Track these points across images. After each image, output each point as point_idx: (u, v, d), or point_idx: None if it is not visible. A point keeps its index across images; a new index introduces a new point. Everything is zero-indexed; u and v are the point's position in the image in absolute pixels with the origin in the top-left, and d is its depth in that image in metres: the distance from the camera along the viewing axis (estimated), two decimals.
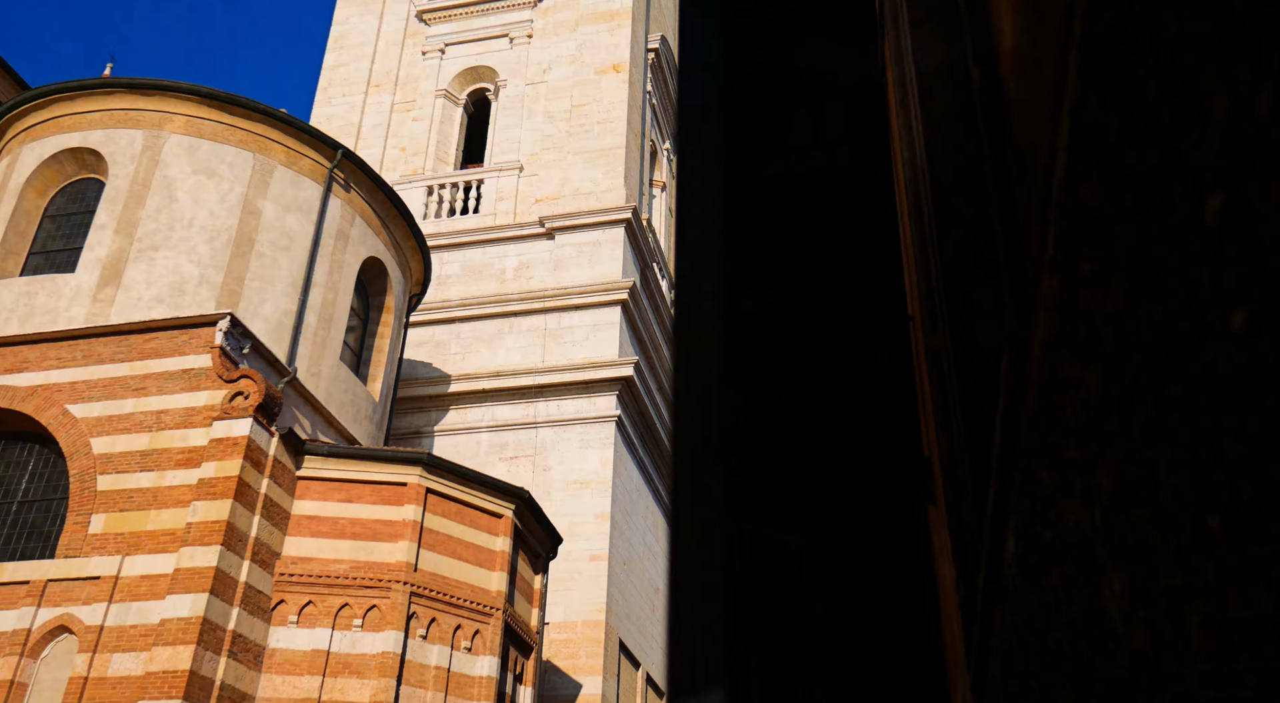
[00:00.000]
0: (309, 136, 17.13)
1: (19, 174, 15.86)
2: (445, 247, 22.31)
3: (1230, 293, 0.47)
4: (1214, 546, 0.53)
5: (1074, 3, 0.49)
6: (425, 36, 25.62)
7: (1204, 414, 0.50)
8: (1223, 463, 0.51)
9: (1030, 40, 0.68)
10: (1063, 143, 0.56)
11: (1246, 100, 0.43)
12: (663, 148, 27.28)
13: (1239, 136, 0.43)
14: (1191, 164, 0.39)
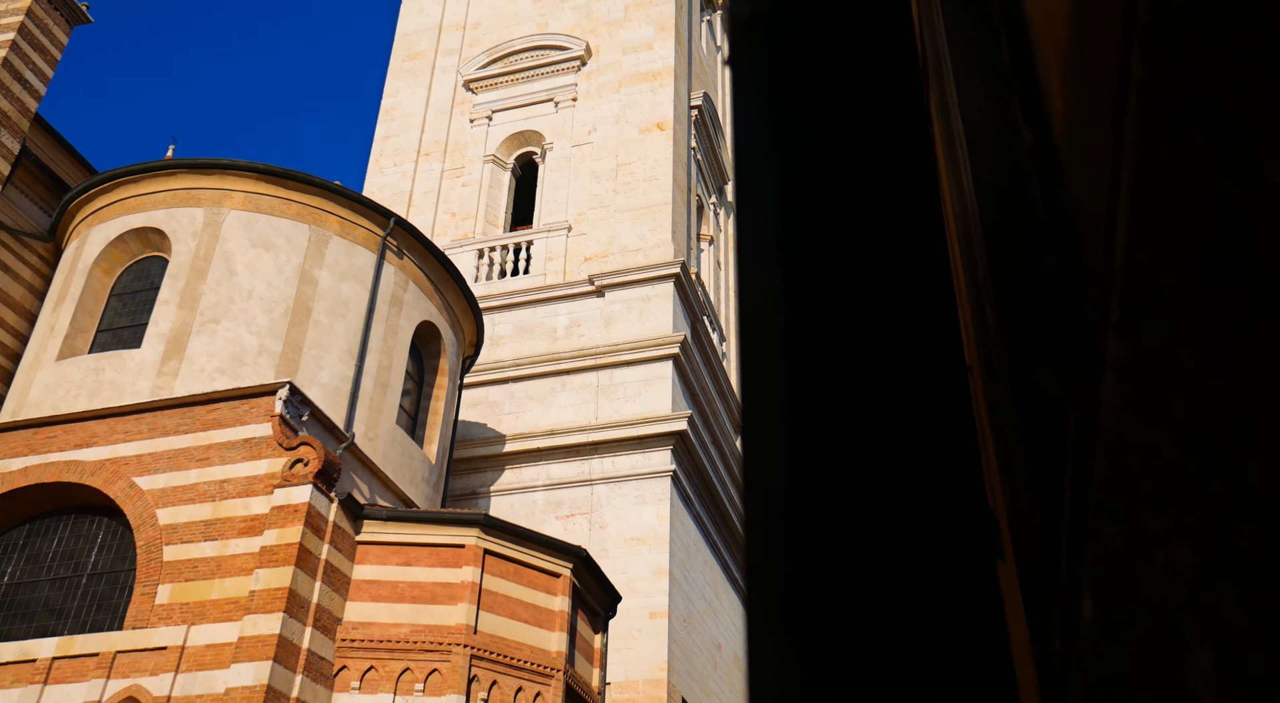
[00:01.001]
0: (362, 206, 17.55)
1: (87, 255, 16.42)
2: (496, 308, 22.57)
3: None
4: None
5: (1128, 73, 0.48)
6: (473, 105, 26.23)
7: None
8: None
9: (1082, 104, 0.67)
10: (1122, 209, 0.55)
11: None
12: (709, 202, 27.47)
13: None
14: (1260, 243, 0.38)
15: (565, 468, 20.31)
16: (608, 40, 25.97)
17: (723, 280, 28.10)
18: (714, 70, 31.00)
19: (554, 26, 26.83)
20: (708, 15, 31.10)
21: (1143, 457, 0.64)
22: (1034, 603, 1.11)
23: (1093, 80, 0.63)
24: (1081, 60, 0.71)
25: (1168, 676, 0.68)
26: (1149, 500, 0.65)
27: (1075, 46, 0.71)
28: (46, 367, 15.45)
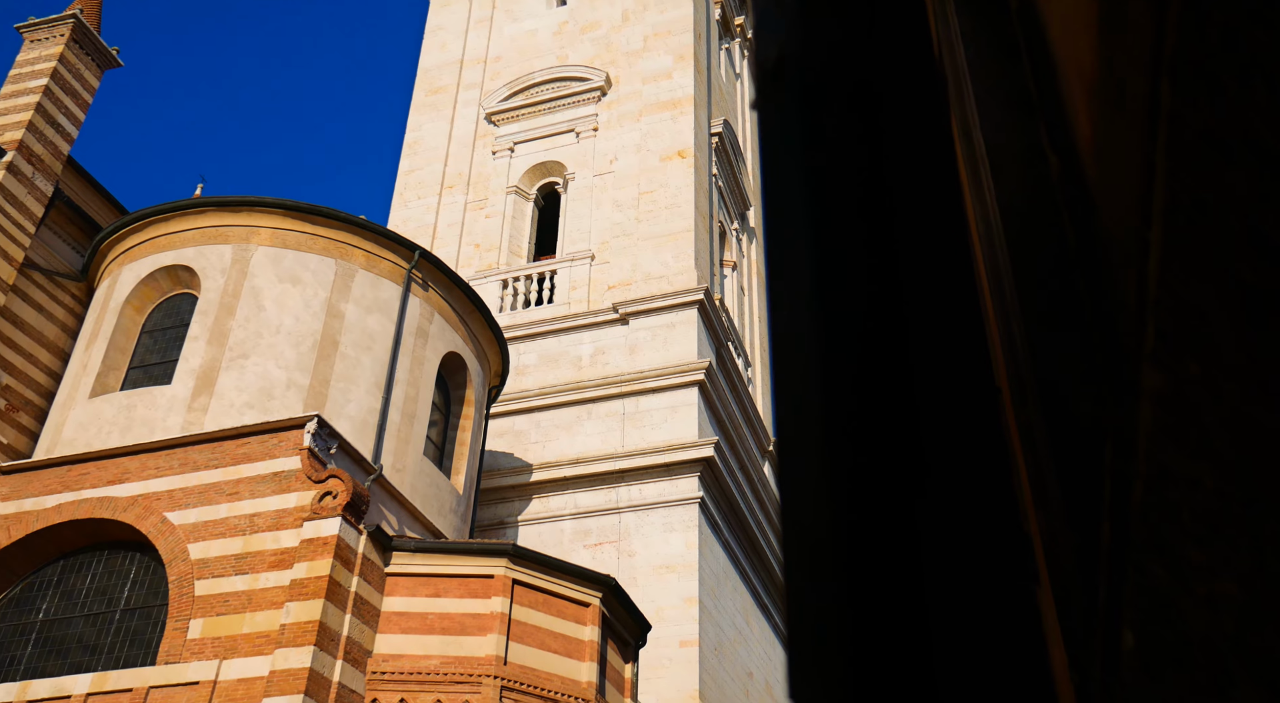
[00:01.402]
0: (387, 240, 17.72)
1: (119, 294, 16.66)
2: (521, 337, 22.66)
3: None
4: None
5: (1157, 103, 0.48)
6: (494, 137, 26.48)
7: None
8: None
9: (1110, 133, 0.67)
10: (1155, 239, 0.54)
11: None
12: (731, 228, 27.51)
13: None
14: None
15: (592, 497, 20.27)
16: (627, 70, 26.18)
17: (747, 306, 28.08)
18: (733, 97, 31.14)
19: (574, 58, 27.09)
20: (726, 43, 31.30)
21: (1184, 488, 0.63)
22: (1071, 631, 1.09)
23: (1120, 109, 0.62)
24: (1107, 89, 0.70)
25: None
26: (1191, 533, 0.64)
27: (1101, 75, 0.71)
28: (79, 404, 15.65)
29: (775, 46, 0.92)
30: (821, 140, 0.84)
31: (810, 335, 0.79)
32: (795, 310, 0.79)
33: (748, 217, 29.45)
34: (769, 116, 0.89)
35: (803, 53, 0.88)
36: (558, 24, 28.00)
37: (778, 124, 0.87)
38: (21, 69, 17.50)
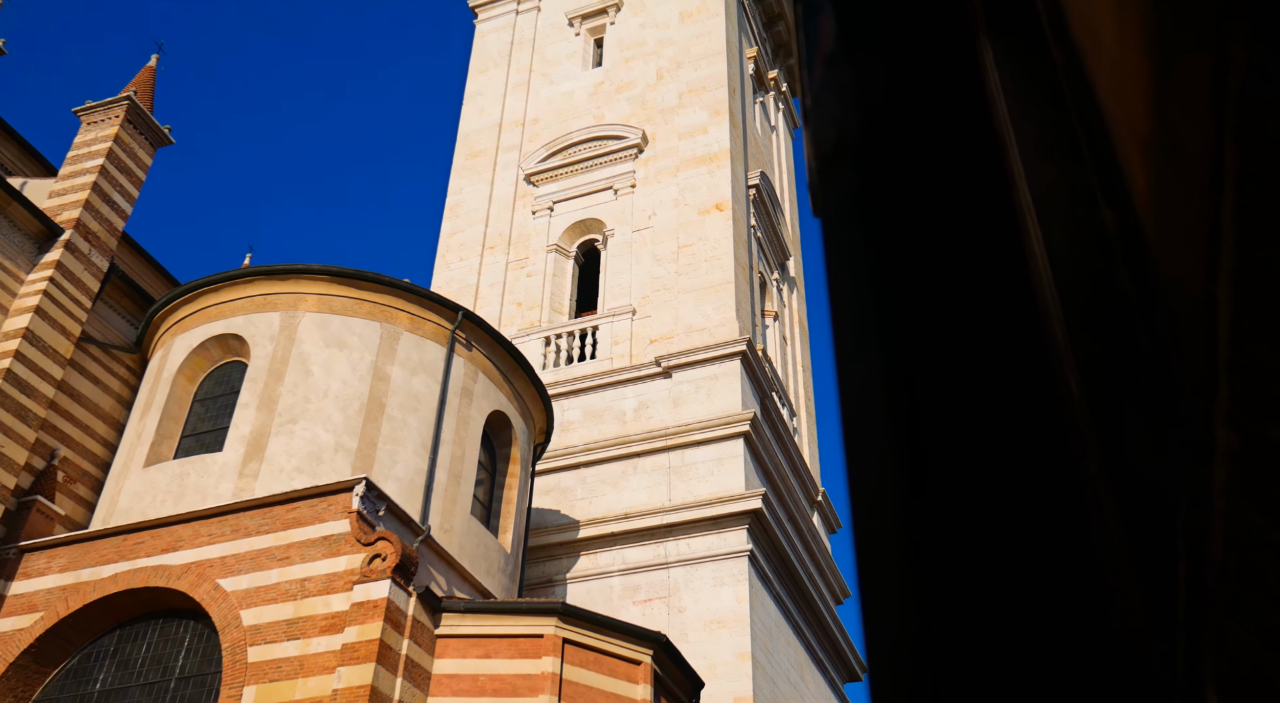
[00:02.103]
0: (430, 301, 17.95)
1: (171, 364, 17.01)
2: (565, 394, 22.72)
3: None
4: None
5: (1221, 163, 0.47)
6: (534, 197, 26.87)
7: None
8: None
9: (1169, 190, 0.65)
10: (1224, 296, 0.53)
11: None
12: (771, 278, 27.52)
13: None
14: None
15: (640, 552, 20.10)
16: (663, 127, 26.52)
17: (790, 355, 27.97)
18: (769, 149, 31.37)
19: (610, 117, 27.50)
20: (760, 97, 31.63)
21: (1269, 552, 0.61)
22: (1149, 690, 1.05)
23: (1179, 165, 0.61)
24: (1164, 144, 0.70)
25: None
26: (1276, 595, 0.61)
27: (1155, 130, 0.70)
28: (134, 474, 15.90)
29: (833, 129, 0.92)
30: (886, 224, 0.83)
31: (881, 425, 0.78)
32: (866, 405, 0.79)
33: (788, 266, 29.46)
34: (830, 201, 0.89)
35: (863, 135, 0.88)
36: (593, 85, 28.51)
37: (840, 208, 0.87)
38: (79, 151, 18.13)
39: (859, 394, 0.76)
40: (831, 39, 0.96)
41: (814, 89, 0.96)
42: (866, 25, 0.93)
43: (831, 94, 0.92)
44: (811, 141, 0.94)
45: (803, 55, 1.05)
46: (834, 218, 0.84)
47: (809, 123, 0.96)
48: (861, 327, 0.77)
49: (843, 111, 0.89)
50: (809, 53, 1.00)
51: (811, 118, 0.96)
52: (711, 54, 27.14)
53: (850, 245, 0.81)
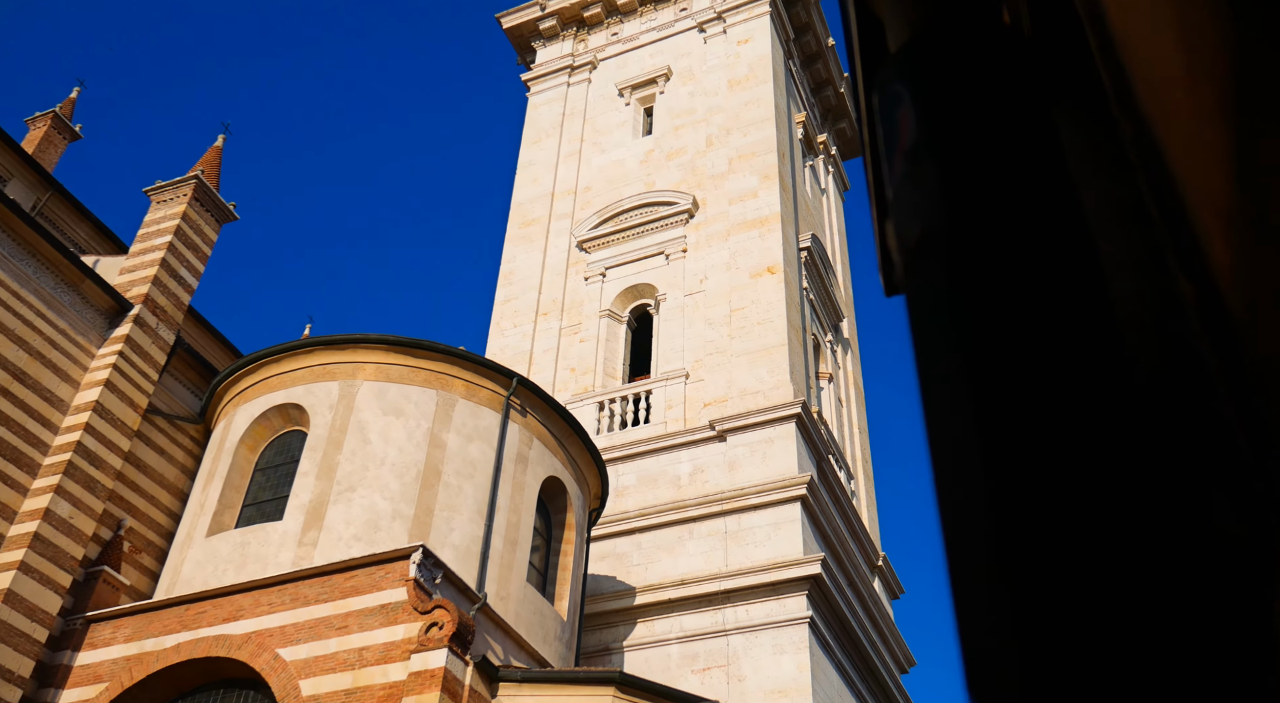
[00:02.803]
0: (485, 368, 18.13)
1: (233, 434, 17.34)
2: (619, 459, 22.66)
3: None
4: None
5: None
6: (586, 263, 27.17)
7: None
8: None
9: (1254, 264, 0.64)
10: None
11: None
12: (825, 340, 27.39)
13: None
14: None
15: (698, 619, 19.79)
16: (714, 192, 26.77)
17: (845, 417, 27.67)
18: (820, 211, 31.48)
19: (661, 184, 27.85)
20: (810, 160, 31.85)
21: None
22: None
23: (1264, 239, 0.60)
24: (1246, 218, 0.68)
25: None
26: None
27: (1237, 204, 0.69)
28: (197, 544, 16.13)
29: (918, 223, 0.93)
30: (976, 319, 0.83)
31: (983, 534, 0.77)
32: (966, 508, 0.78)
33: (841, 328, 29.32)
34: (918, 295, 0.89)
35: (949, 230, 0.88)
36: (644, 153, 28.94)
37: (927, 303, 0.88)
38: (149, 229, 18.80)
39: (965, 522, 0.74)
40: (912, 133, 0.96)
41: (894, 181, 0.96)
42: (949, 121, 0.94)
43: (914, 188, 0.92)
44: (895, 234, 0.94)
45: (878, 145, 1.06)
46: (923, 315, 0.83)
47: (891, 214, 0.96)
48: (961, 438, 0.76)
49: (928, 206, 0.89)
50: (888, 145, 1.01)
51: (893, 210, 0.96)
52: (760, 120, 27.46)
53: (943, 342, 0.80)
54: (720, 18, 30.39)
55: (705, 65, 29.83)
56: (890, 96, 1.16)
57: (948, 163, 1.01)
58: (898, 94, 1.14)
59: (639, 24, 32.19)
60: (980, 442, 0.76)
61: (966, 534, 0.75)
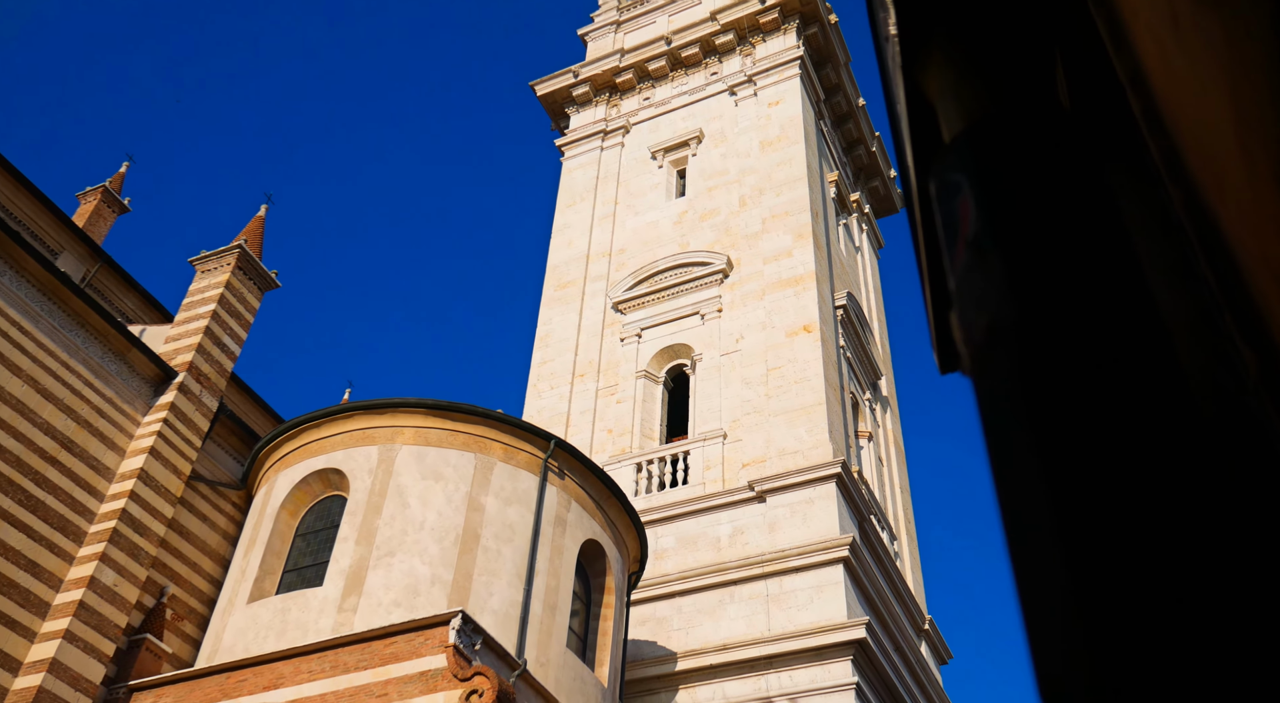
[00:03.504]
0: (523, 431, 18.15)
1: (274, 500, 17.44)
2: (658, 521, 22.48)
3: None
4: None
5: None
6: (622, 325, 27.29)
7: None
8: None
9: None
10: None
11: None
12: (863, 398, 27.17)
13: None
14: None
15: (741, 685, 19.39)
16: (748, 252, 26.88)
17: (886, 477, 27.32)
18: (855, 270, 31.48)
19: (695, 244, 28.03)
20: (843, 219, 31.96)
21: None
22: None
23: None
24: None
25: None
26: None
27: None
28: (238, 610, 16.14)
29: (985, 315, 0.93)
30: (1048, 410, 0.83)
31: (1068, 628, 0.76)
32: (1047, 605, 0.77)
33: (879, 386, 29.10)
34: (988, 387, 0.89)
35: (1017, 322, 0.88)
36: (678, 214, 29.20)
37: (999, 395, 0.87)
38: (193, 297, 19.19)
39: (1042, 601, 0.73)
40: (974, 223, 0.96)
41: (957, 271, 0.96)
42: (1012, 212, 0.94)
43: (980, 279, 0.92)
44: (960, 324, 0.93)
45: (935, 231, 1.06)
46: (995, 406, 0.83)
47: (955, 304, 0.96)
48: (1038, 523, 0.75)
49: (994, 298, 0.89)
50: (948, 234, 1.01)
51: (957, 300, 0.95)
52: (793, 180, 27.65)
53: (1017, 435, 0.79)
54: (751, 81, 30.82)
55: (737, 127, 30.18)
56: (948, 185, 1.16)
57: (1013, 255, 1.01)
58: (956, 183, 1.14)
59: (670, 88, 32.72)
60: (1057, 526, 0.75)
61: (1050, 625, 0.73)
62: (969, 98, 1.25)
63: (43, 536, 15.13)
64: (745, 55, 31.83)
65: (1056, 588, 0.75)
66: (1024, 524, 0.78)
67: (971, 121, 1.21)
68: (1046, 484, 0.78)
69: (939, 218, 1.18)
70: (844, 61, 33.54)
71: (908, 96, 1.32)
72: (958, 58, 1.29)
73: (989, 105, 1.22)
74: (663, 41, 32.79)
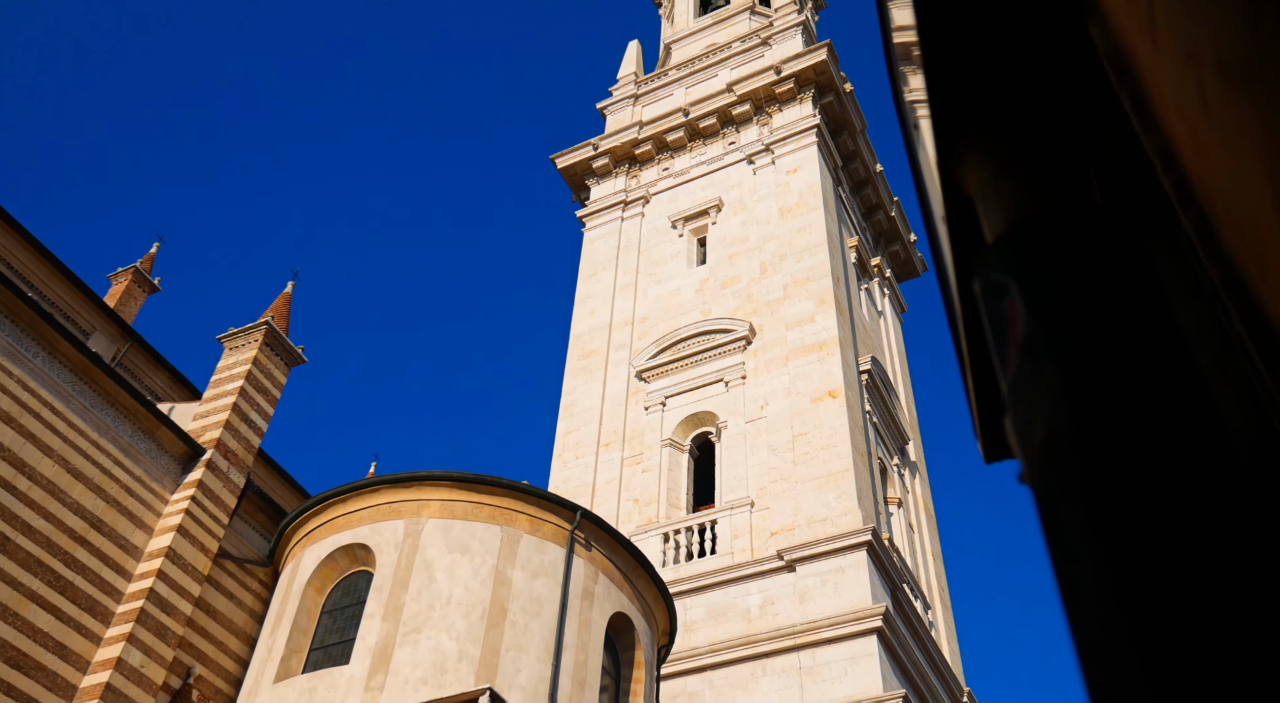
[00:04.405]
0: (548, 502, 18.04)
1: (300, 577, 17.35)
2: (687, 592, 22.17)
3: None
4: None
5: None
6: (646, 393, 27.27)
7: None
8: None
9: None
10: None
11: None
12: (891, 464, 26.89)
13: None
14: None
15: None
16: (770, 319, 26.92)
17: (917, 544, 26.89)
18: (878, 334, 31.43)
19: (717, 312, 28.12)
20: (865, 283, 32.02)
21: None
22: None
23: None
24: None
25: None
26: None
27: None
28: (265, 691, 15.95)
29: (1042, 423, 0.91)
30: (1115, 525, 0.81)
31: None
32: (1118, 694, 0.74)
33: (907, 451, 28.81)
34: (1049, 494, 0.87)
35: (1075, 433, 0.87)
36: (699, 282, 29.36)
37: (1062, 504, 0.85)
38: (221, 374, 19.37)
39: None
40: (1024, 326, 0.95)
41: (1009, 376, 0.95)
42: (1063, 316, 0.92)
43: (1033, 385, 0.90)
44: (1016, 430, 0.92)
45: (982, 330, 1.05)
46: (1058, 513, 0.81)
47: (1008, 409, 0.94)
48: (1107, 624, 0.73)
49: (1050, 405, 0.87)
50: (997, 336, 1.00)
51: (1011, 406, 0.94)
52: (813, 246, 27.80)
53: (1082, 548, 0.78)
54: (768, 149, 31.21)
55: (756, 195, 30.48)
56: (994, 285, 1.15)
57: (1066, 362, 0.99)
58: (1003, 284, 1.13)
59: (689, 159, 33.17)
60: (1129, 629, 0.73)
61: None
62: (1009, 194, 1.24)
63: (71, 617, 15.09)
64: (762, 125, 32.29)
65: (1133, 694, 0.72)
66: (1097, 640, 0.76)
67: (1015, 221, 1.20)
68: (1118, 599, 0.76)
69: (985, 317, 1.17)
70: (860, 128, 33.94)
71: (945, 192, 1.32)
72: (994, 153, 1.29)
73: (1031, 203, 1.22)
74: (680, 113, 33.35)
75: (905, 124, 1.56)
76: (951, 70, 1.27)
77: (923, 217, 1.47)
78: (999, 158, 1.31)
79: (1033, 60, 1.27)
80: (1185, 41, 0.86)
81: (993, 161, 1.31)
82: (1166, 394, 0.87)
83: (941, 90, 1.28)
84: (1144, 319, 1.02)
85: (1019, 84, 1.30)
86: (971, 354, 1.33)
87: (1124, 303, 1.03)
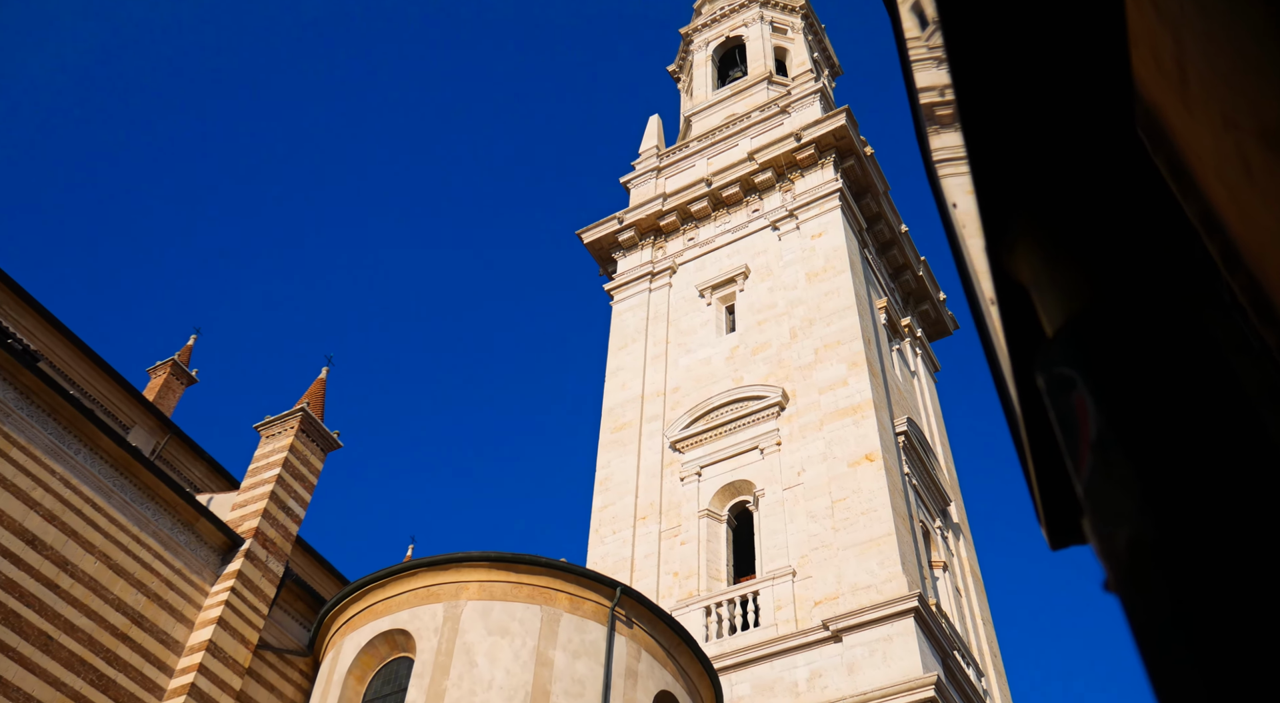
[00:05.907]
0: (588, 580, 17.82)
1: (341, 665, 17.17)
2: (731, 667, 21.67)
3: None
4: None
5: None
6: (680, 464, 27.06)
7: None
8: None
9: None
10: None
11: None
12: (934, 527, 26.39)
13: None
14: None
15: None
16: (802, 384, 26.76)
17: (966, 608, 26.22)
18: (912, 395, 31.14)
19: (748, 379, 28.01)
20: (896, 345, 31.84)
21: None
22: None
23: None
24: None
25: None
26: None
27: None
28: None
29: (1124, 530, 0.87)
30: (1211, 635, 0.76)
31: None
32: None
33: (950, 512, 28.30)
34: (1138, 603, 0.83)
35: (1160, 539, 0.82)
36: (729, 350, 29.33)
37: (1152, 614, 0.81)
38: (258, 463, 19.48)
39: None
40: (1095, 424, 0.91)
41: (1084, 477, 0.90)
42: (1136, 412, 0.88)
43: (1111, 488, 0.86)
44: (1096, 535, 0.87)
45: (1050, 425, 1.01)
46: (1149, 623, 0.76)
47: (1085, 513, 0.90)
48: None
49: (1131, 510, 0.83)
50: (1066, 434, 0.96)
51: (1089, 509, 0.89)
52: (842, 309, 27.74)
53: (1179, 661, 0.73)
54: (792, 215, 31.40)
55: (782, 261, 30.58)
56: (1059, 380, 1.12)
57: (1145, 463, 0.95)
58: (1068, 378, 1.10)
59: (714, 228, 33.42)
60: None
61: None
62: (1065, 284, 1.21)
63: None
64: (785, 191, 32.55)
65: None
66: None
67: (1075, 313, 1.17)
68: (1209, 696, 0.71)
69: (1052, 412, 1.13)
70: (883, 190, 34.11)
71: (997, 281, 1.28)
72: (1046, 240, 1.26)
73: (1089, 292, 1.18)
74: (703, 183, 33.71)
75: (941, 202, 1.54)
76: (999, 158, 1.25)
77: (967, 300, 1.44)
78: (1052, 245, 1.28)
79: (1079, 140, 1.25)
80: (1222, 108, 0.84)
81: (1045, 249, 1.28)
82: (1253, 490, 0.83)
83: (989, 180, 1.26)
84: (1219, 407, 0.98)
85: (1066, 166, 1.27)
86: (1032, 443, 1.29)
87: (1197, 392, 0.99)
